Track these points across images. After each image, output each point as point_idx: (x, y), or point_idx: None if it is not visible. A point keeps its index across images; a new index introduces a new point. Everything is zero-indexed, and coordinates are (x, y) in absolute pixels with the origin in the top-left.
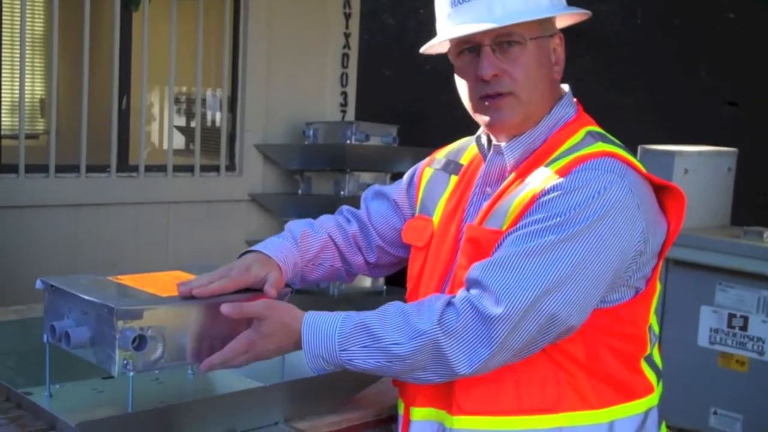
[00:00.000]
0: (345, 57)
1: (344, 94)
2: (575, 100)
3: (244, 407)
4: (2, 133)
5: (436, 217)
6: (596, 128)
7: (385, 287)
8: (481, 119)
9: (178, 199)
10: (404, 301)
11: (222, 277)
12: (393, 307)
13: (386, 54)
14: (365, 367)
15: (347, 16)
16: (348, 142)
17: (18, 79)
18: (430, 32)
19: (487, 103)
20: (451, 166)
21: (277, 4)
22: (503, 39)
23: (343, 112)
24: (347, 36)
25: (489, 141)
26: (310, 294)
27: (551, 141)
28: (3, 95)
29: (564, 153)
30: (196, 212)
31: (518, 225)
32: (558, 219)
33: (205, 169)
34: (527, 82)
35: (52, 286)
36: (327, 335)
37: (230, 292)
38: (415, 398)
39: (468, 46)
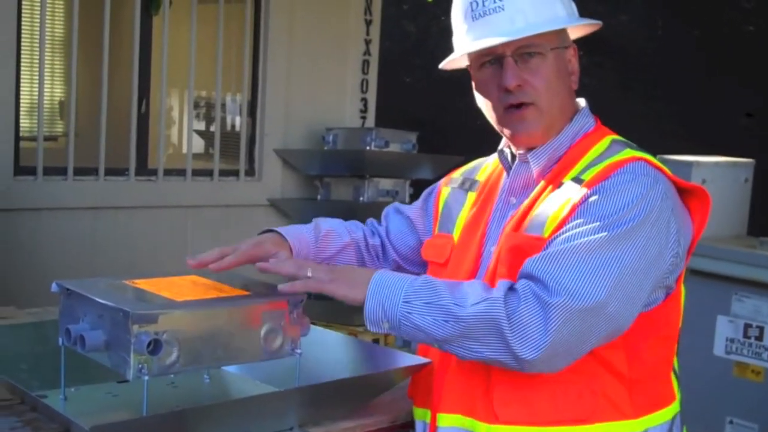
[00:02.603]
0: (365, 63)
1: (364, 101)
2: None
3: (259, 412)
4: (21, 135)
5: (456, 233)
6: (619, 137)
7: None
8: (506, 132)
9: (197, 203)
10: None
11: (233, 250)
12: (465, 282)
13: (406, 61)
14: (420, 324)
15: (368, 23)
16: (367, 148)
17: (37, 81)
18: (450, 41)
19: (511, 115)
20: (467, 184)
21: (298, 10)
22: (525, 50)
23: (363, 118)
24: (368, 42)
25: (512, 153)
26: (326, 300)
27: (576, 149)
28: (22, 97)
29: (594, 161)
30: (215, 217)
31: (563, 228)
32: (604, 221)
33: (224, 173)
34: (548, 91)
35: (67, 289)
36: (395, 286)
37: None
38: (441, 404)
39: (489, 59)
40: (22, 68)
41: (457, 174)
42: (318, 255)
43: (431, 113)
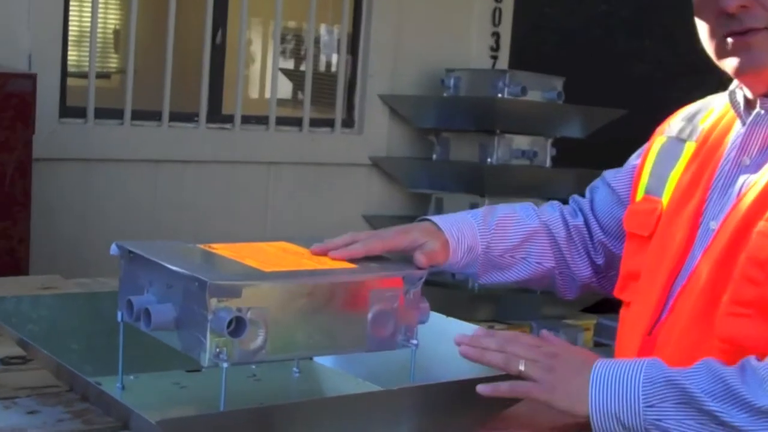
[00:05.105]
0: None
1: (496, 35)
2: None
3: (362, 415)
4: (68, 70)
5: (666, 197)
6: None
7: None
8: (727, 66)
9: (281, 159)
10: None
11: (368, 237)
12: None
13: None
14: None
15: None
16: (499, 95)
17: (89, 6)
18: None
19: (731, 41)
20: (687, 131)
21: None
22: None
23: (494, 57)
24: None
25: (746, 97)
26: (443, 287)
27: None
28: (71, 24)
29: None
30: (303, 176)
31: None
32: None
33: (315, 123)
34: None
35: (130, 252)
36: (626, 384)
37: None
38: None
39: None
40: None
41: (675, 118)
42: (493, 247)
43: (581, 55)
